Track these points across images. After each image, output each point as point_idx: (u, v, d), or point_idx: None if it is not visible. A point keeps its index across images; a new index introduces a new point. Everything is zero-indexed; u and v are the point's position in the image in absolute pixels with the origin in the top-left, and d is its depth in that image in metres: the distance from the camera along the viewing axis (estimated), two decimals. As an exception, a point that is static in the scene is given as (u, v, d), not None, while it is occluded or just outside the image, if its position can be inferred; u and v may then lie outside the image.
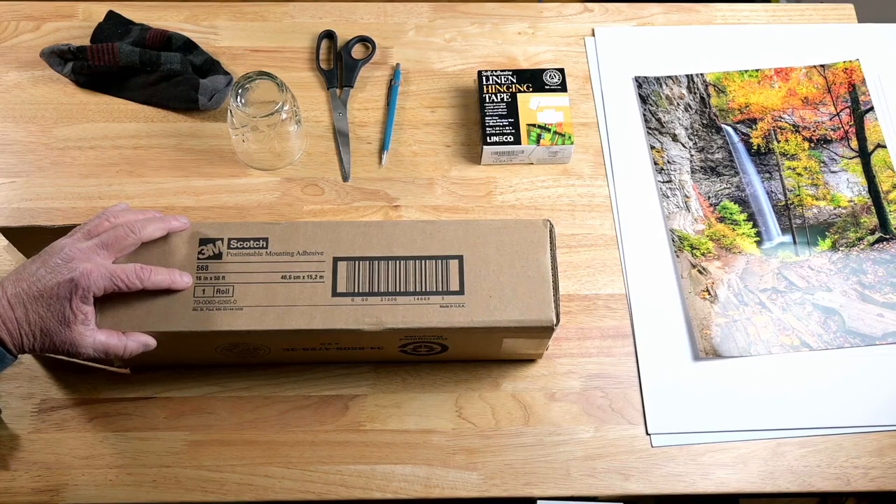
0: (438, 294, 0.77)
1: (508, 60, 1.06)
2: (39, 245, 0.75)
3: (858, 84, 1.04)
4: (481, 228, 0.80)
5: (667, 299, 0.91)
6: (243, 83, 0.90)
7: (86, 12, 1.06)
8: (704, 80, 1.04)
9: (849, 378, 0.88)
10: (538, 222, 0.81)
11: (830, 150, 1.00)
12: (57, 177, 0.96)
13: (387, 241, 0.79)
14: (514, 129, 0.97)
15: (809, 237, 0.95)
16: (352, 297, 0.77)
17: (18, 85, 1.02)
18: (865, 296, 0.92)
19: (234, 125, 0.92)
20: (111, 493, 0.80)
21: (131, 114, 1.00)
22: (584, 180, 0.98)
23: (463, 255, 0.79)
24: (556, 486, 0.82)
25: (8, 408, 0.84)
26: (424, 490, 0.82)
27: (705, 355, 0.88)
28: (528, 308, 0.77)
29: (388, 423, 0.84)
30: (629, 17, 1.10)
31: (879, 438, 0.85)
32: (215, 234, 0.79)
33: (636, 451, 0.84)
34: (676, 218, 0.96)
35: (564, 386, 0.87)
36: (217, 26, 1.07)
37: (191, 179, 0.96)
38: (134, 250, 0.77)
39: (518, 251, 0.79)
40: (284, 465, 0.82)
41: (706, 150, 1.00)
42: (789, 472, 0.83)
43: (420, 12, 1.09)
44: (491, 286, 0.78)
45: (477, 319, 0.76)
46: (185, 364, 0.85)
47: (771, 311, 0.90)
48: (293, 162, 0.98)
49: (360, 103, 1.03)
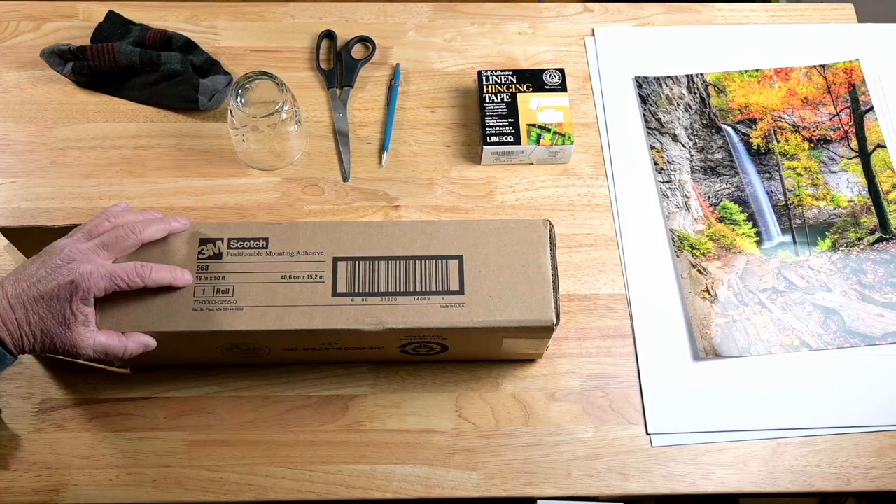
0: (438, 294, 0.77)
1: (508, 60, 1.06)
2: (39, 245, 0.75)
3: (858, 84, 1.04)
4: (481, 228, 0.80)
5: (667, 299, 0.91)
6: (243, 83, 0.90)
7: (86, 12, 1.06)
8: (704, 80, 1.04)
9: (849, 378, 0.88)
10: (538, 222, 0.81)
11: (830, 150, 1.00)
12: (57, 177, 0.96)
13: (387, 241, 0.79)
14: (514, 129, 0.96)
15: (809, 237, 0.95)
16: (352, 297, 0.77)
17: (18, 85, 1.02)
18: (865, 296, 0.92)
19: (235, 125, 0.92)
20: (111, 493, 0.80)
21: (131, 114, 1.00)
22: (584, 180, 0.98)
23: (463, 255, 0.79)
24: (556, 486, 0.82)
25: (8, 408, 0.84)
26: (424, 490, 0.82)
27: (705, 355, 0.88)
28: (528, 308, 0.77)
29: (388, 423, 0.85)
30: (629, 17, 1.10)
31: (879, 438, 0.85)
32: (215, 234, 0.79)
33: (636, 451, 0.84)
34: (676, 218, 0.96)
35: (564, 386, 0.87)
36: (217, 26, 1.07)
37: (191, 179, 0.96)
38: (134, 251, 0.77)
39: (518, 251, 0.79)
40: (284, 465, 0.82)
41: (706, 150, 1.00)
42: (789, 472, 0.83)
43: (420, 12, 1.09)
44: (491, 286, 0.78)
45: (477, 319, 0.76)
46: (185, 364, 0.85)
47: (771, 311, 0.90)
48: (293, 162, 0.98)
49: (360, 103, 1.03)
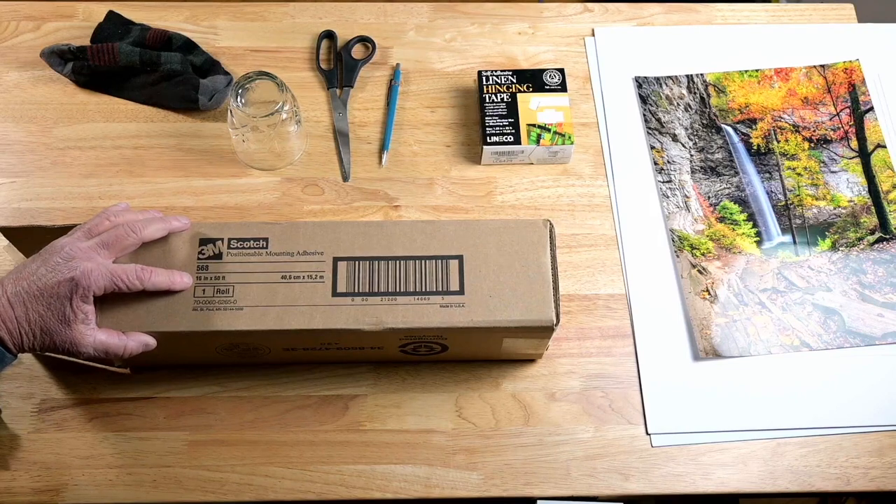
0: (438, 294, 0.77)
1: (508, 60, 1.06)
2: (39, 245, 0.75)
3: (858, 84, 1.04)
4: (481, 228, 0.80)
5: (667, 299, 0.91)
6: (243, 83, 0.90)
7: (86, 12, 1.06)
8: (704, 80, 1.04)
9: (849, 378, 0.88)
10: (538, 222, 0.81)
11: (830, 150, 1.00)
12: (57, 177, 0.96)
13: (387, 241, 0.79)
14: (514, 129, 0.96)
15: (809, 237, 0.95)
16: (352, 297, 0.77)
17: (18, 85, 1.02)
18: (865, 296, 0.92)
19: (235, 125, 0.92)
20: (111, 493, 0.80)
21: (131, 114, 1.00)
22: (584, 180, 0.98)
23: (463, 255, 0.79)
24: (556, 486, 0.82)
25: (8, 408, 0.84)
26: (424, 490, 0.82)
27: (705, 355, 0.88)
28: (528, 308, 0.77)
29: (388, 423, 0.84)
30: (629, 17, 1.10)
31: (879, 438, 0.85)
32: (215, 234, 0.79)
33: (636, 451, 0.84)
34: (676, 218, 0.96)
35: (564, 386, 0.87)
36: (217, 26, 1.07)
37: (191, 179, 0.96)
38: (134, 250, 0.77)
39: (518, 251, 0.79)
40: (284, 465, 0.82)
41: (706, 150, 1.00)
42: (789, 472, 0.83)
43: (420, 12, 1.09)
44: (491, 286, 0.77)
45: (477, 319, 0.76)
46: (185, 364, 0.85)
47: (771, 311, 0.90)
48: (293, 162, 0.98)
49: (360, 103, 1.03)
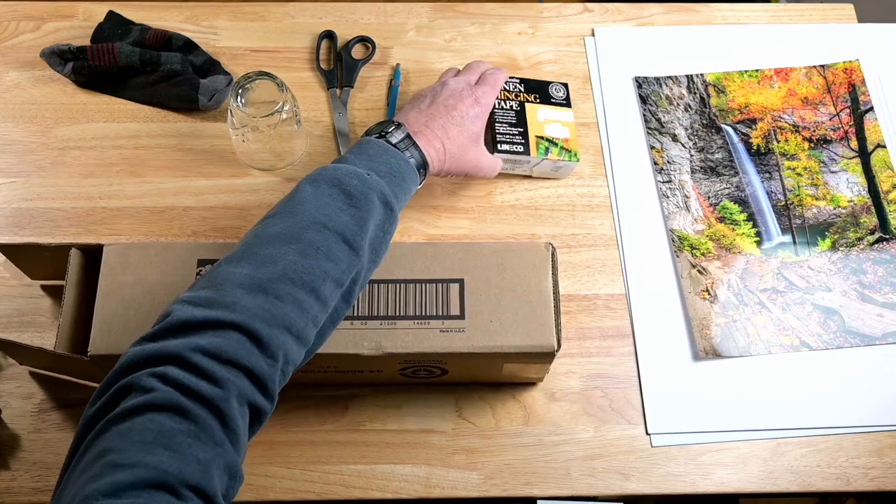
0: (438, 318, 0.76)
1: (508, 60, 1.06)
2: (35, 260, 0.73)
3: (858, 84, 1.04)
4: (482, 251, 0.79)
5: (667, 299, 0.91)
6: (243, 83, 0.90)
7: (86, 12, 1.06)
8: (704, 80, 1.04)
9: (849, 378, 0.88)
10: (540, 245, 0.79)
11: (830, 150, 1.00)
12: (57, 177, 0.96)
13: (386, 264, 0.77)
14: (523, 139, 0.93)
15: (809, 237, 0.95)
16: (351, 320, 0.76)
17: (18, 85, 1.02)
18: (865, 296, 0.92)
19: (235, 125, 0.92)
20: (111, 493, 0.80)
21: (131, 114, 1.00)
22: (584, 180, 0.98)
23: (464, 279, 0.77)
24: (556, 486, 0.82)
25: (8, 408, 0.84)
26: (424, 490, 0.82)
27: (705, 355, 0.88)
28: (529, 334, 0.76)
29: (388, 423, 0.84)
30: (629, 17, 1.10)
31: (879, 438, 0.85)
32: (214, 256, 0.78)
33: (636, 451, 0.84)
34: (676, 218, 0.96)
35: (564, 386, 0.87)
36: (217, 26, 1.07)
37: (191, 179, 0.96)
38: (142, 264, 0.77)
39: (519, 275, 0.78)
40: (284, 465, 0.82)
41: (706, 150, 1.00)
42: (789, 472, 0.83)
43: (420, 12, 1.09)
44: (492, 311, 0.76)
45: (477, 345, 0.75)
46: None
47: (771, 311, 0.90)
48: (294, 162, 0.98)
49: (360, 103, 1.03)
